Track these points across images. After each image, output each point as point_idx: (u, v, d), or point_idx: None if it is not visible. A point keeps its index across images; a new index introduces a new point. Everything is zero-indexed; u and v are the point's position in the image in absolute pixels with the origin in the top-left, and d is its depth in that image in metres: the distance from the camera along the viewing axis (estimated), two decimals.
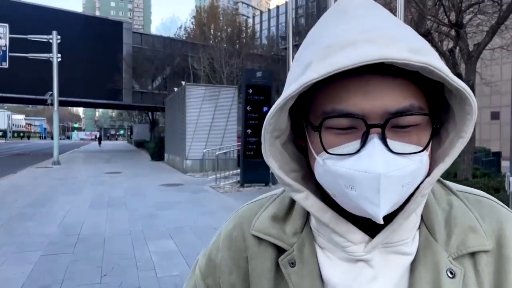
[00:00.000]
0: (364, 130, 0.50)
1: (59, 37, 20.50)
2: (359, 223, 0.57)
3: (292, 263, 0.61)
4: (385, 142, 0.49)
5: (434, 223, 0.59)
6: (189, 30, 39.08)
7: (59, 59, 20.47)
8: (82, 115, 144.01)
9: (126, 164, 21.41)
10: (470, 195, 0.64)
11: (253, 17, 63.81)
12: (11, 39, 20.21)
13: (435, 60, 0.48)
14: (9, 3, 31.54)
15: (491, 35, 8.78)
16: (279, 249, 0.63)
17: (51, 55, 20.47)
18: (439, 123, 0.55)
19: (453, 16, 9.22)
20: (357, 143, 0.50)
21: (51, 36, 20.43)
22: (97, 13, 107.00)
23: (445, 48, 10.56)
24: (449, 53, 9.27)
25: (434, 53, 0.51)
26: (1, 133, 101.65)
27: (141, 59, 34.96)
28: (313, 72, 0.48)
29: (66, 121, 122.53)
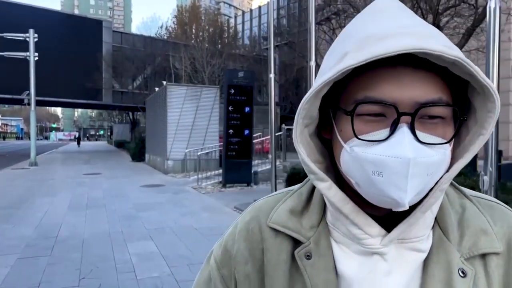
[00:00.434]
0: (393, 118, 0.52)
1: (36, 35, 20.03)
2: (376, 218, 0.59)
3: (308, 256, 0.63)
4: (413, 131, 0.51)
5: (447, 224, 0.61)
6: (170, 29, 38.72)
7: (36, 58, 20.00)
8: (60, 115, 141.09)
9: (106, 165, 21.09)
10: (482, 200, 0.66)
11: (235, 17, 63.66)
12: None
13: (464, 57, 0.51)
14: None
15: (467, 37, 9.01)
16: (295, 242, 0.65)
17: (27, 53, 19.98)
18: (466, 116, 0.58)
19: (430, 18, 9.42)
20: (386, 131, 0.52)
21: (27, 34, 19.95)
22: (76, 11, 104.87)
23: None
24: None
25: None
26: None
27: (121, 58, 34.44)
28: (351, 59, 0.50)
29: (43, 121, 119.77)
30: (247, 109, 12.11)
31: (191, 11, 38.27)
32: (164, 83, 18.35)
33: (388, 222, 0.59)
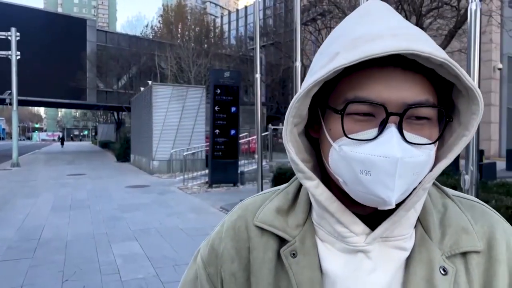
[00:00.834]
0: (381, 119, 0.53)
1: (19, 34, 19.68)
2: (361, 217, 0.60)
3: (293, 254, 0.63)
4: (401, 131, 0.52)
5: (429, 223, 0.62)
6: (156, 29, 38.46)
7: (18, 57, 19.64)
8: (43, 115, 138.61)
9: (90, 165, 20.82)
10: (464, 200, 0.68)
11: (221, 17, 63.49)
12: None
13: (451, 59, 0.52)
14: None
15: (450, 39, 9.16)
16: (281, 240, 0.66)
17: (9, 52, 19.60)
18: (451, 117, 0.59)
19: (414, 20, 9.55)
20: (375, 130, 0.53)
21: (9, 33, 19.57)
22: (60, 10, 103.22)
23: None
24: None
25: None
26: None
27: (106, 57, 34.07)
28: (342, 58, 0.51)
29: (26, 121, 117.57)
30: (233, 109, 12.10)
31: (176, 11, 38.06)
32: (149, 82, 18.18)
33: (372, 221, 0.60)
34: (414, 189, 0.56)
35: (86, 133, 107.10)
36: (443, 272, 0.59)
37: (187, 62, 27.20)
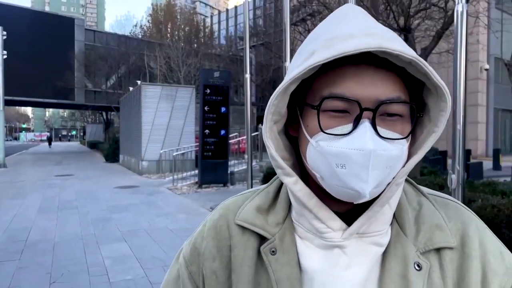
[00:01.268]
0: (356, 114, 0.55)
1: (5, 33, 19.38)
2: (338, 215, 0.62)
3: (273, 251, 0.65)
4: (375, 126, 0.55)
5: (405, 220, 0.64)
6: (145, 28, 38.17)
7: (5, 56, 19.34)
8: (30, 115, 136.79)
9: (78, 166, 20.61)
10: (438, 198, 0.70)
11: (211, 17, 63.32)
12: None
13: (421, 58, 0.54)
14: None
15: (437, 40, 9.24)
16: (262, 238, 0.67)
17: None
18: (422, 113, 0.61)
19: (402, 21, 9.62)
20: (350, 126, 0.56)
21: None
22: (47, 9, 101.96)
23: None
24: None
25: None
26: None
27: (94, 57, 33.69)
28: (317, 56, 0.54)
29: (13, 121, 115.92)
30: (223, 109, 12.08)
31: (166, 10, 37.87)
32: (138, 82, 18.07)
33: (350, 218, 0.62)
34: (388, 184, 0.58)
35: (74, 133, 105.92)
36: (417, 267, 0.60)
37: (177, 61, 27.05)
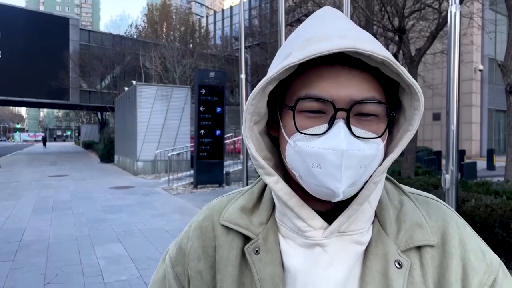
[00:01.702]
0: (331, 115, 0.56)
1: None
2: (320, 214, 0.63)
3: (256, 251, 0.66)
4: (349, 126, 0.56)
5: (385, 219, 0.65)
6: (140, 28, 38.10)
7: None
8: (25, 115, 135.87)
9: (73, 166, 20.50)
10: (419, 197, 0.71)
11: (207, 17, 63.29)
12: None
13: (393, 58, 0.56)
14: None
15: (431, 40, 9.29)
16: (246, 238, 0.68)
17: None
18: (395, 112, 0.62)
19: (396, 22, 9.66)
20: (325, 126, 0.57)
21: None
22: (41, 8, 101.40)
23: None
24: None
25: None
26: None
27: (89, 57, 33.53)
28: (293, 57, 0.55)
29: (7, 121, 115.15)
30: (218, 110, 12.07)
31: (161, 10, 37.82)
32: (133, 82, 18.01)
33: (331, 217, 0.63)
34: (365, 183, 0.59)
35: (69, 133, 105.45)
36: (398, 265, 0.61)
37: (172, 62, 26.99)
